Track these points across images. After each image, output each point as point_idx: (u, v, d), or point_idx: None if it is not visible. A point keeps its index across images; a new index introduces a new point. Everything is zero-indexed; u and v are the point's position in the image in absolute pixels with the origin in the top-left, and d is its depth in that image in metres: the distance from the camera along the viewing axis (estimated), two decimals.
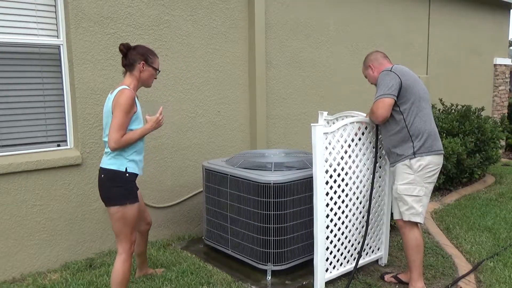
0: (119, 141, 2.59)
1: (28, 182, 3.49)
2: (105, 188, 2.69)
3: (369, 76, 3.30)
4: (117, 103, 2.61)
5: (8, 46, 3.45)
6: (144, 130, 2.72)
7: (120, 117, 2.59)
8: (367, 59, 3.33)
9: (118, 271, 2.71)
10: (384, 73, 3.07)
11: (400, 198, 3.08)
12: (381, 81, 3.05)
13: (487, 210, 5.09)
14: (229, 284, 3.28)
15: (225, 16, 4.51)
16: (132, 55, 2.77)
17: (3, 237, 3.42)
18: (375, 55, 3.30)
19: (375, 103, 3.06)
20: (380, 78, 3.08)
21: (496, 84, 8.74)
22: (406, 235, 3.11)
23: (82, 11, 3.61)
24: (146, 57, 2.79)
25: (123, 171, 2.67)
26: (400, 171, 3.08)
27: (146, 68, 2.80)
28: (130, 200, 2.69)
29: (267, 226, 3.31)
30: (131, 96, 2.63)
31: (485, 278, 3.45)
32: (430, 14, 7.04)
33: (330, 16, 5.49)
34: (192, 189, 4.44)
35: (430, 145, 3.03)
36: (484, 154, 6.07)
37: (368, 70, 3.29)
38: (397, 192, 3.09)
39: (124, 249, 2.74)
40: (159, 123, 2.78)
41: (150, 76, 2.84)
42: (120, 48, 2.78)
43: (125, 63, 2.79)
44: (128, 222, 2.70)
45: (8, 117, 3.51)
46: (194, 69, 4.34)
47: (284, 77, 5.08)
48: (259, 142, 4.80)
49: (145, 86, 2.88)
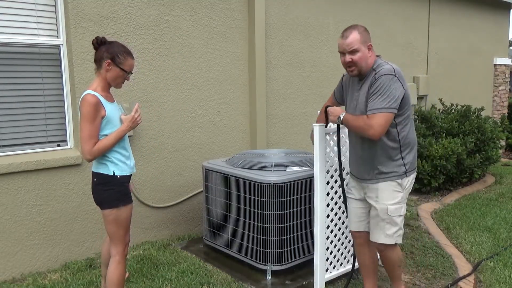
0: (92, 151, 2.47)
1: (28, 182, 3.49)
2: (97, 191, 2.62)
3: (359, 59, 2.55)
4: (80, 112, 2.46)
5: (8, 46, 3.45)
6: (118, 132, 2.56)
7: (86, 127, 2.45)
8: (364, 33, 2.58)
9: (113, 273, 2.66)
10: (388, 78, 2.51)
11: (389, 220, 2.67)
12: (386, 88, 2.50)
13: (487, 210, 5.08)
14: (229, 284, 3.28)
15: (225, 16, 4.51)
16: (101, 52, 2.56)
17: (3, 237, 3.42)
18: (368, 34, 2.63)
19: (376, 117, 2.50)
20: (384, 82, 2.51)
21: (496, 84, 8.74)
22: (389, 257, 2.79)
23: (82, 11, 3.61)
24: (114, 56, 2.55)
25: (112, 174, 2.58)
26: (389, 190, 2.66)
27: (112, 68, 2.56)
28: (123, 202, 2.63)
29: (267, 226, 3.31)
30: (92, 103, 2.45)
31: (485, 278, 3.45)
32: (430, 14, 7.03)
33: (330, 15, 5.49)
34: (192, 189, 4.44)
35: (415, 159, 2.73)
36: (484, 154, 6.07)
37: (365, 49, 2.57)
38: (387, 214, 2.66)
39: (117, 251, 2.68)
40: (135, 122, 2.61)
41: (117, 77, 2.60)
42: (92, 42, 2.59)
43: (94, 59, 2.61)
44: (121, 224, 2.65)
45: (8, 117, 3.50)
46: (194, 69, 4.34)
47: (284, 77, 5.08)
48: (259, 142, 4.80)
49: (114, 87, 2.67)
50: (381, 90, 2.51)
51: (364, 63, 2.58)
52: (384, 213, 2.67)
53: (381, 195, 2.68)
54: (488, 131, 6.11)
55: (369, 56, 2.59)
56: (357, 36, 2.55)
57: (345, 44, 2.57)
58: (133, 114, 2.61)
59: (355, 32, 2.56)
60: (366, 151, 2.70)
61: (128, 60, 2.61)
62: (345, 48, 2.58)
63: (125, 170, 2.66)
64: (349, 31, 2.57)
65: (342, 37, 2.59)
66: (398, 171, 2.65)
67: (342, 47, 2.60)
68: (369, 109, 2.53)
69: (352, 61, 2.57)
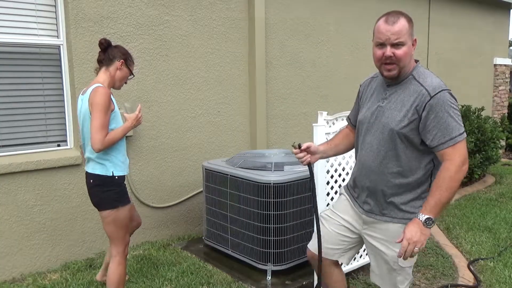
0: (103, 141, 2.49)
1: (28, 182, 3.49)
2: (95, 193, 2.63)
3: (404, 55, 1.92)
4: (93, 102, 2.49)
5: (8, 46, 3.45)
6: (125, 128, 2.63)
7: (100, 117, 2.48)
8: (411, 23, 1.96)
9: (114, 274, 2.68)
10: (448, 94, 1.90)
11: (400, 270, 2.07)
12: (450, 107, 1.88)
13: (487, 210, 5.09)
14: (229, 284, 3.28)
15: (225, 16, 4.51)
16: (113, 51, 2.68)
17: (3, 237, 3.42)
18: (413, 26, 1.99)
19: (459, 148, 1.86)
20: (447, 101, 1.88)
21: (496, 84, 8.74)
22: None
23: (82, 11, 3.61)
24: (127, 57, 2.72)
25: (110, 175, 2.60)
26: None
27: (123, 68, 2.71)
28: (122, 203, 2.64)
29: (267, 226, 3.31)
30: (107, 93, 2.51)
31: (485, 278, 3.45)
32: (430, 14, 7.03)
33: (330, 15, 5.49)
34: (192, 189, 4.44)
35: None
36: (484, 154, 6.07)
37: (410, 44, 1.96)
38: (399, 264, 2.05)
39: (118, 251, 2.69)
40: (138, 120, 2.70)
41: (123, 78, 2.75)
42: (101, 41, 2.66)
43: (103, 58, 2.68)
44: (120, 224, 2.65)
45: (8, 117, 3.50)
46: (194, 69, 4.34)
47: (284, 77, 5.08)
48: (259, 142, 4.80)
49: (114, 87, 2.76)
50: (447, 111, 1.86)
51: (407, 62, 1.96)
52: (395, 262, 2.06)
53: (391, 240, 2.04)
54: (488, 131, 6.11)
55: (411, 53, 1.97)
56: (406, 25, 1.91)
57: (391, 32, 1.89)
58: (137, 113, 2.69)
59: (403, 19, 1.91)
60: (384, 177, 2.03)
61: (134, 64, 2.81)
62: (390, 38, 1.90)
63: (124, 170, 2.68)
64: (396, 16, 1.91)
65: (387, 21, 1.91)
66: (418, 212, 1.93)
67: (385, 36, 1.91)
68: (449, 139, 1.86)
69: (394, 57, 1.92)
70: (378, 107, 2.05)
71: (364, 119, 2.13)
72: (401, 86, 2.01)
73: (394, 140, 1.98)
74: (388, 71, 1.97)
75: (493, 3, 8.15)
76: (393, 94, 2.02)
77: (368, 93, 2.19)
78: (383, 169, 2.03)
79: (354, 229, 2.23)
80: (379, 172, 2.04)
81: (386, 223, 2.07)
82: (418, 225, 1.88)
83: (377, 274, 2.18)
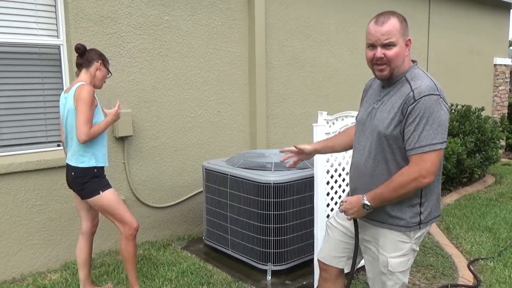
0: (88, 133, 2.71)
1: (28, 182, 3.49)
2: (77, 185, 2.83)
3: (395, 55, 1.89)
4: (79, 98, 2.71)
5: (8, 46, 3.45)
6: (107, 122, 2.85)
7: (86, 111, 2.70)
8: (404, 23, 1.93)
9: (125, 250, 2.93)
10: (433, 100, 1.85)
11: (390, 275, 2.04)
12: (432, 115, 1.84)
13: (487, 210, 5.09)
14: (229, 284, 3.28)
15: (225, 16, 4.51)
16: (91, 54, 2.92)
17: (3, 237, 3.42)
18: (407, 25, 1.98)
19: (428, 156, 1.82)
20: (428, 107, 1.84)
21: (496, 84, 8.74)
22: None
23: (82, 11, 3.61)
24: (103, 58, 2.96)
25: (91, 167, 2.81)
26: (393, 239, 2.01)
27: (102, 68, 2.95)
28: (102, 189, 2.83)
29: (267, 226, 3.31)
30: (92, 91, 2.75)
31: (485, 278, 3.45)
32: (430, 14, 7.04)
33: (330, 16, 5.49)
34: (192, 189, 4.44)
35: (437, 208, 2.06)
36: (484, 154, 6.07)
37: (403, 44, 1.92)
38: (388, 269, 2.02)
39: (123, 229, 2.91)
40: (117, 115, 2.93)
41: (103, 77, 2.99)
42: (77, 46, 2.86)
43: (82, 62, 2.90)
44: (112, 205, 2.85)
45: (8, 117, 3.50)
46: (194, 69, 4.34)
47: (284, 77, 5.08)
48: (259, 142, 4.80)
49: (96, 86, 2.97)
50: (426, 118, 1.83)
51: (400, 62, 1.92)
52: (384, 266, 2.03)
53: (382, 243, 2.04)
54: (488, 131, 6.11)
55: (406, 55, 1.94)
56: (397, 25, 1.88)
57: (381, 33, 1.88)
58: (116, 109, 2.92)
59: (394, 19, 1.88)
60: (375, 180, 2.00)
61: (109, 64, 3.07)
62: (379, 39, 1.88)
63: (104, 162, 2.90)
64: (386, 16, 1.89)
65: (377, 22, 1.90)
66: (408, 220, 1.96)
67: (375, 37, 1.90)
68: (418, 146, 1.83)
69: (385, 58, 1.90)
70: (373, 108, 2.05)
71: (360, 120, 2.13)
72: (394, 87, 1.99)
73: (382, 143, 1.96)
74: (379, 72, 1.96)
75: (493, 3, 8.15)
76: (386, 96, 2.01)
77: (368, 93, 2.19)
78: (372, 172, 2.01)
79: (351, 234, 2.23)
80: (368, 174, 2.03)
81: (376, 227, 2.06)
82: (358, 203, 1.99)
83: (369, 277, 2.18)
